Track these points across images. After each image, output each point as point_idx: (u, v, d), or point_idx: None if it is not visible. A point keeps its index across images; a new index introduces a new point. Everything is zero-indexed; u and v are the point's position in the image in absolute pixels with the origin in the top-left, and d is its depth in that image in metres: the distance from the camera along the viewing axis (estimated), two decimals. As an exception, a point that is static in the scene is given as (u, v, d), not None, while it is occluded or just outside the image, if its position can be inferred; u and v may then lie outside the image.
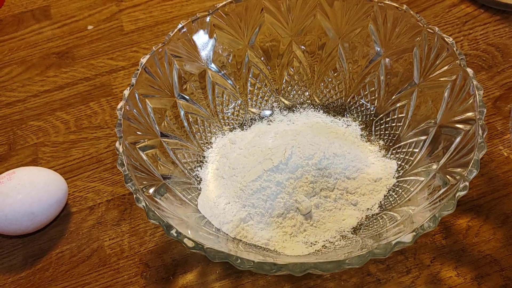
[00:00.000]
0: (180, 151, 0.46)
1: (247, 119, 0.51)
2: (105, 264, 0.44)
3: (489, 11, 0.59)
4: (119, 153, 0.38)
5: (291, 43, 0.50)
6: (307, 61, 0.51)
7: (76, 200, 0.48)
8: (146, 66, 0.43)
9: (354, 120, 0.49)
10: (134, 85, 0.42)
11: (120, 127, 0.39)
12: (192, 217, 0.41)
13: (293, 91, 0.52)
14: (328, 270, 0.32)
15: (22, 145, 0.53)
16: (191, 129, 0.47)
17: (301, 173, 0.42)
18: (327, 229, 0.42)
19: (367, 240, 0.39)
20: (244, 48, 0.49)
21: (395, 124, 0.47)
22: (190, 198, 0.43)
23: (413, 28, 0.44)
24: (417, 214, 0.36)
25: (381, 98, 0.48)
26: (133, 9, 0.66)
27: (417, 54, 0.44)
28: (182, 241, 0.33)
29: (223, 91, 0.50)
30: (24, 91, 0.58)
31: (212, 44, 0.48)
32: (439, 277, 0.40)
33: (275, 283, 0.41)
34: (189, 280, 0.42)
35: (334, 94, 0.51)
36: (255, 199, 0.42)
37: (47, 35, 0.64)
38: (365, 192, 0.44)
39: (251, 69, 0.50)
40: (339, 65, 0.50)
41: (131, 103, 0.41)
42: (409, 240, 0.32)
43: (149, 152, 0.42)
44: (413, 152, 0.44)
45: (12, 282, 0.44)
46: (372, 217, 0.42)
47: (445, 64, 0.42)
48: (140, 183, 0.38)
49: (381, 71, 0.47)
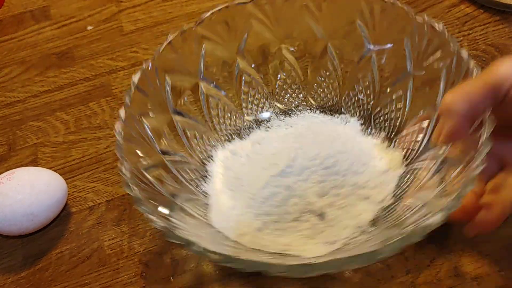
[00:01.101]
0: (183, 168, 0.44)
1: (244, 128, 0.50)
2: (105, 264, 0.44)
3: (488, 11, 0.59)
4: (127, 178, 0.36)
5: (281, 47, 0.50)
6: (298, 64, 0.50)
7: (76, 201, 0.48)
8: (138, 85, 0.42)
9: (352, 116, 0.49)
10: (129, 106, 0.40)
11: (121, 152, 0.37)
12: (207, 233, 0.40)
13: (287, 94, 0.51)
14: (363, 263, 0.31)
15: (22, 146, 0.53)
16: (190, 144, 0.46)
17: (308, 174, 0.42)
18: (345, 227, 0.41)
19: (390, 230, 0.38)
20: (234, 56, 0.49)
21: (394, 115, 0.46)
22: (201, 214, 0.42)
23: (402, 19, 0.43)
24: (438, 195, 0.36)
25: (376, 92, 0.48)
26: (133, 9, 0.66)
27: (408, 44, 0.43)
28: (205, 254, 0.32)
29: (217, 102, 0.49)
30: (24, 91, 0.58)
31: (202, 55, 0.47)
32: (438, 277, 0.40)
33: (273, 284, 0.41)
34: (188, 280, 0.42)
35: (328, 93, 0.50)
36: (267, 207, 0.42)
37: (46, 35, 0.64)
38: (376, 185, 0.43)
39: (243, 77, 0.50)
40: (331, 64, 0.49)
41: (128, 124, 0.40)
42: (440, 220, 0.31)
43: (154, 172, 0.40)
44: (417, 139, 0.43)
45: (12, 282, 0.44)
46: (388, 207, 0.42)
47: (437, 50, 0.41)
48: (153, 206, 0.36)
49: (374, 65, 0.47)
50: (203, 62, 0.47)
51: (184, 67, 0.47)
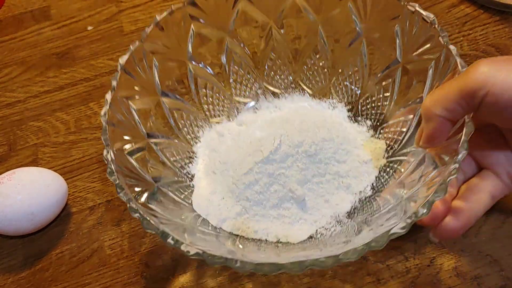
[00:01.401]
0: (169, 150, 0.45)
1: (232, 109, 0.50)
2: (105, 264, 0.44)
3: (488, 11, 0.59)
4: (108, 162, 0.36)
5: (271, 28, 0.49)
6: (288, 45, 0.50)
7: (76, 201, 0.48)
8: (125, 67, 0.42)
9: (339, 101, 0.49)
10: (115, 89, 0.40)
11: (106, 135, 0.38)
12: (188, 217, 0.41)
13: (277, 76, 0.51)
14: (326, 266, 0.32)
15: (22, 146, 0.53)
16: (177, 125, 0.47)
17: (292, 161, 0.42)
18: (322, 215, 0.42)
19: (362, 225, 0.39)
20: (224, 36, 0.48)
21: (381, 103, 0.46)
22: (184, 197, 0.43)
23: (394, 7, 0.43)
24: (410, 198, 0.36)
25: (365, 78, 0.47)
26: (133, 9, 0.66)
27: (399, 32, 0.43)
28: (179, 248, 0.33)
29: (206, 83, 0.49)
30: (24, 91, 0.58)
31: (191, 35, 0.46)
32: (438, 277, 0.40)
33: (274, 282, 0.41)
34: (188, 280, 0.42)
35: (317, 76, 0.50)
36: (249, 192, 0.42)
37: (47, 35, 0.64)
38: (357, 175, 0.43)
39: (233, 57, 0.50)
40: (321, 47, 0.49)
41: (114, 108, 0.40)
42: (403, 229, 0.31)
43: (138, 156, 0.41)
44: (401, 132, 0.43)
45: (12, 282, 0.44)
46: (365, 199, 0.42)
47: (427, 41, 0.41)
48: (132, 191, 0.37)
49: (363, 51, 0.47)
50: (191, 42, 0.47)
51: (173, 47, 0.46)
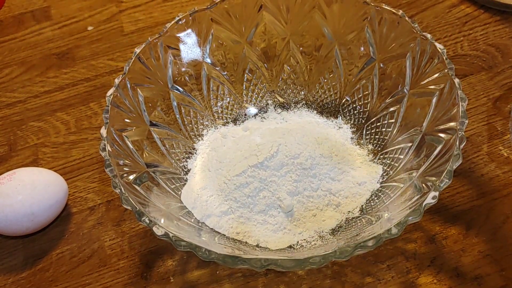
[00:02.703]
0: (169, 141, 0.46)
1: (241, 115, 0.51)
2: (106, 264, 0.44)
3: (489, 11, 0.59)
4: (103, 138, 0.38)
5: (289, 42, 0.50)
6: (304, 61, 0.51)
7: (76, 201, 0.48)
8: (140, 55, 0.44)
9: (346, 123, 0.49)
10: (126, 73, 0.43)
11: (107, 113, 0.40)
12: (171, 206, 0.41)
13: (289, 90, 0.52)
14: (288, 268, 0.32)
15: (23, 146, 0.53)
16: (183, 120, 0.48)
17: (286, 171, 0.43)
18: (306, 229, 0.42)
19: (342, 243, 0.39)
20: (242, 44, 0.50)
21: (385, 129, 0.47)
22: (174, 188, 0.44)
23: (408, 34, 0.44)
24: (389, 219, 0.37)
25: (373, 102, 0.48)
26: (133, 10, 0.66)
27: (410, 60, 0.44)
28: (151, 228, 0.34)
29: (218, 85, 0.50)
30: (24, 91, 0.58)
31: (209, 38, 0.48)
32: (439, 277, 0.40)
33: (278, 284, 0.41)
34: (189, 281, 0.42)
35: (328, 95, 0.51)
36: (238, 194, 0.43)
37: (47, 35, 0.64)
38: (348, 195, 0.44)
39: (248, 65, 0.51)
40: (335, 67, 0.50)
41: (121, 91, 0.42)
42: (371, 244, 0.32)
43: (136, 140, 0.42)
44: (398, 158, 0.44)
45: (12, 282, 0.44)
46: (352, 220, 0.42)
47: (435, 71, 0.42)
48: (121, 170, 0.38)
49: (375, 75, 0.47)
50: (209, 44, 0.48)
51: (190, 46, 0.48)
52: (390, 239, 0.33)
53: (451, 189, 0.45)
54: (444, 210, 0.44)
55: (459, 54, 0.55)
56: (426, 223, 0.43)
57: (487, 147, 0.47)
